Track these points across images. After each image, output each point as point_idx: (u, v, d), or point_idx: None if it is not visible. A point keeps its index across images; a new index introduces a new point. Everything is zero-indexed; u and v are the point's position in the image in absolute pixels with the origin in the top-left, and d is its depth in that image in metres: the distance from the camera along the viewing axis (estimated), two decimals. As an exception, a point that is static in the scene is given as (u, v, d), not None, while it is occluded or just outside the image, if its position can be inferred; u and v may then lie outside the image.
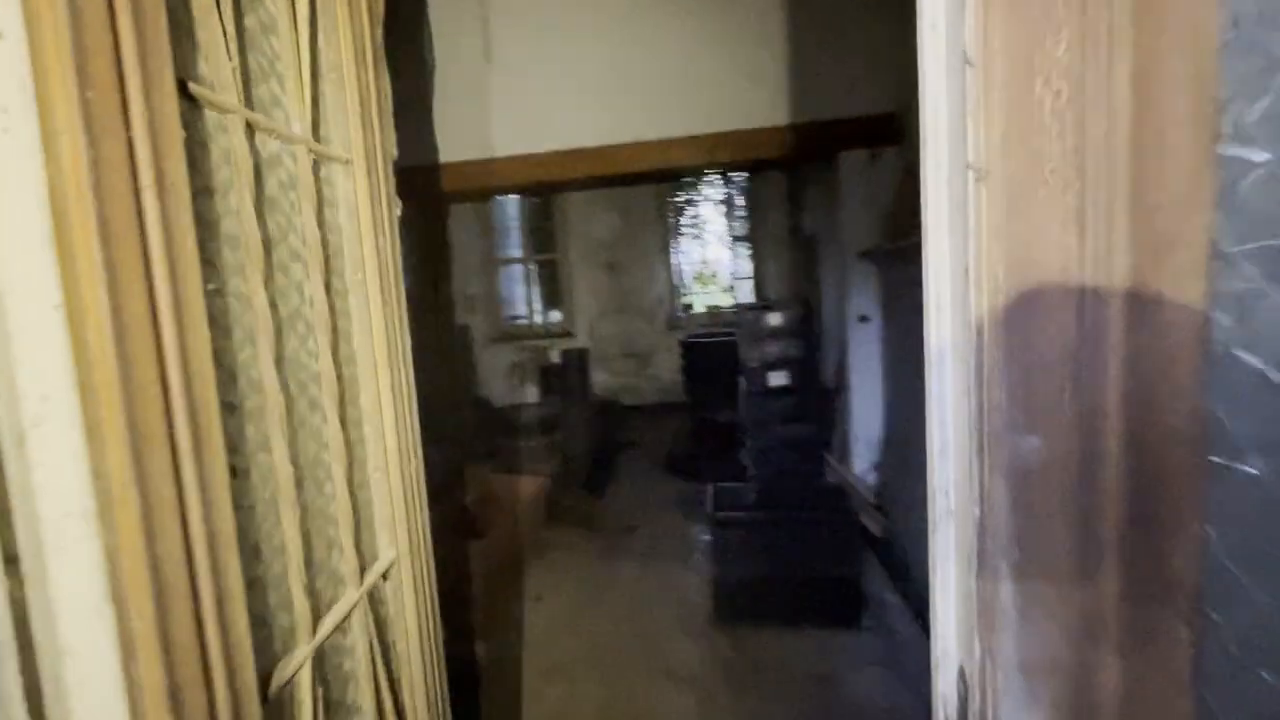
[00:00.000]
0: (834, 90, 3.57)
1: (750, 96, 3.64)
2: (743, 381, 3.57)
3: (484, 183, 3.96)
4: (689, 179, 7.73)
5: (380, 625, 0.83)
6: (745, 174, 7.09)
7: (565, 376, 5.16)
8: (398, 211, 0.88)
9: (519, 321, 7.68)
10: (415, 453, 0.90)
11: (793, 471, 3.43)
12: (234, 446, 0.61)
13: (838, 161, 3.75)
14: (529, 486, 3.75)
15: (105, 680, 0.41)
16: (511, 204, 7.62)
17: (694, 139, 3.72)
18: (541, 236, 7.78)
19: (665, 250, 7.33)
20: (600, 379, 7.02)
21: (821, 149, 3.75)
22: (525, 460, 4.64)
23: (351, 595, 0.75)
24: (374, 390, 0.81)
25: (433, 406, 4.22)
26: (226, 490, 0.51)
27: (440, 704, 0.94)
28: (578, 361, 5.00)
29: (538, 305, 7.83)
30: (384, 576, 0.84)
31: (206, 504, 0.49)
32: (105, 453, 0.41)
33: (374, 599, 0.82)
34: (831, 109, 3.61)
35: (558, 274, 7.42)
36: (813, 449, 3.63)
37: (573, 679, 2.47)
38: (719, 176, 7.33)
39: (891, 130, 3.56)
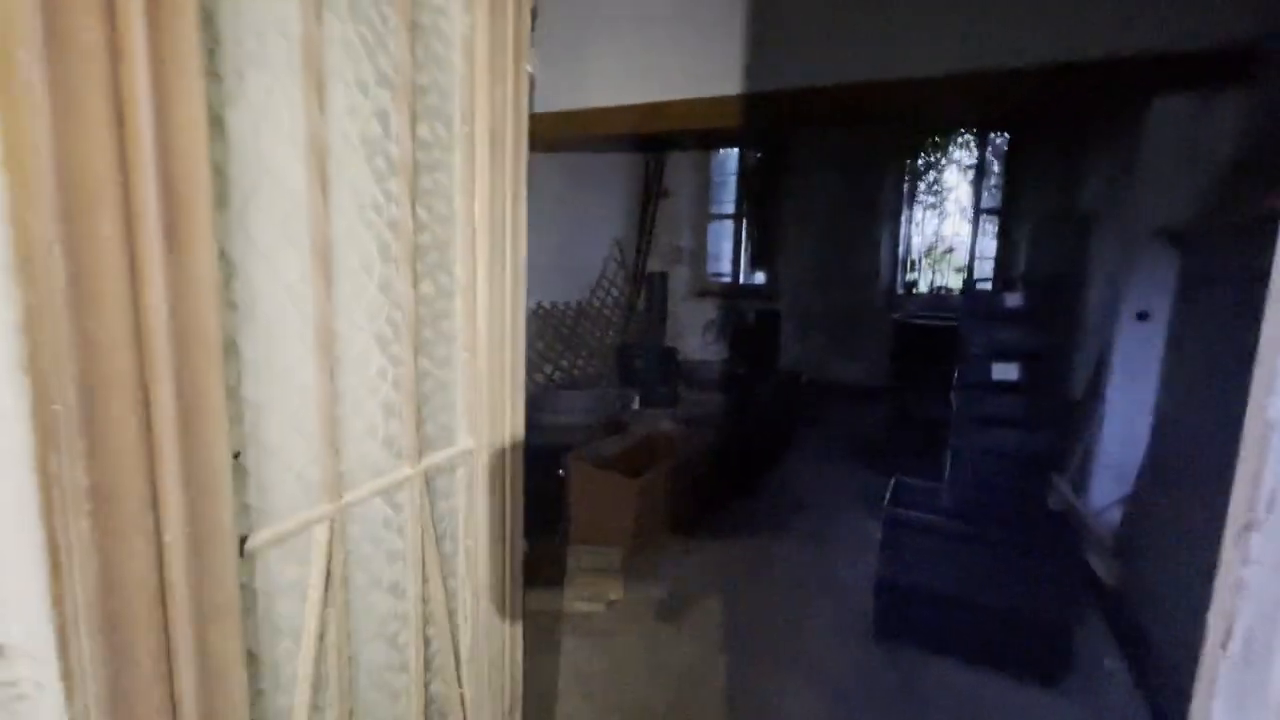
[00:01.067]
0: (1148, 8, 2.73)
1: (1011, 20, 2.95)
2: (959, 372, 3.04)
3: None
4: (936, 137, 6.78)
5: (441, 516, 0.79)
6: (1005, 133, 5.99)
7: (757, 340, 4.93)
8: (530, 69, 0.78)
9: (723, 279, 7.54)
10: (513, 343, 0.82)
11: (1005, 486, 2.85)
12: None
13: (1147, 111, 2.90)
14: (700, 439, 3.66)
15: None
16: (731, 157, 7.41)
17: (926, 82, 3.15)
18: (759, 192, 7.47)
19: (894, 219, 6.57)
20: (797, 350, 6.64)
21: (1123, 95, 2.93)
22: (706, 417, 4.56)
23: (404, 470, 0.71)
24: (470, 261, 0.74)
25: (623, 346, 4.28)
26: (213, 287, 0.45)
27: (508, 614, 0.89)
28: (771, 326, 4.73)
29: (745, 264, 7.61)
30: (451, 467, 0.79)
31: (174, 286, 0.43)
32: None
33: (436, 486, 0.77)
34: (1140, 37, 2.77)
35: (769, 234, 7.09)
36: (1038, 465, 2.98)
37: (703, 642, 2.36)
38: (972, 135, 6.29)
39: (1237, 67, 2.63)
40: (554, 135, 4.26)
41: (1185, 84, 2.75)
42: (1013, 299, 2.86)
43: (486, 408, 0.79)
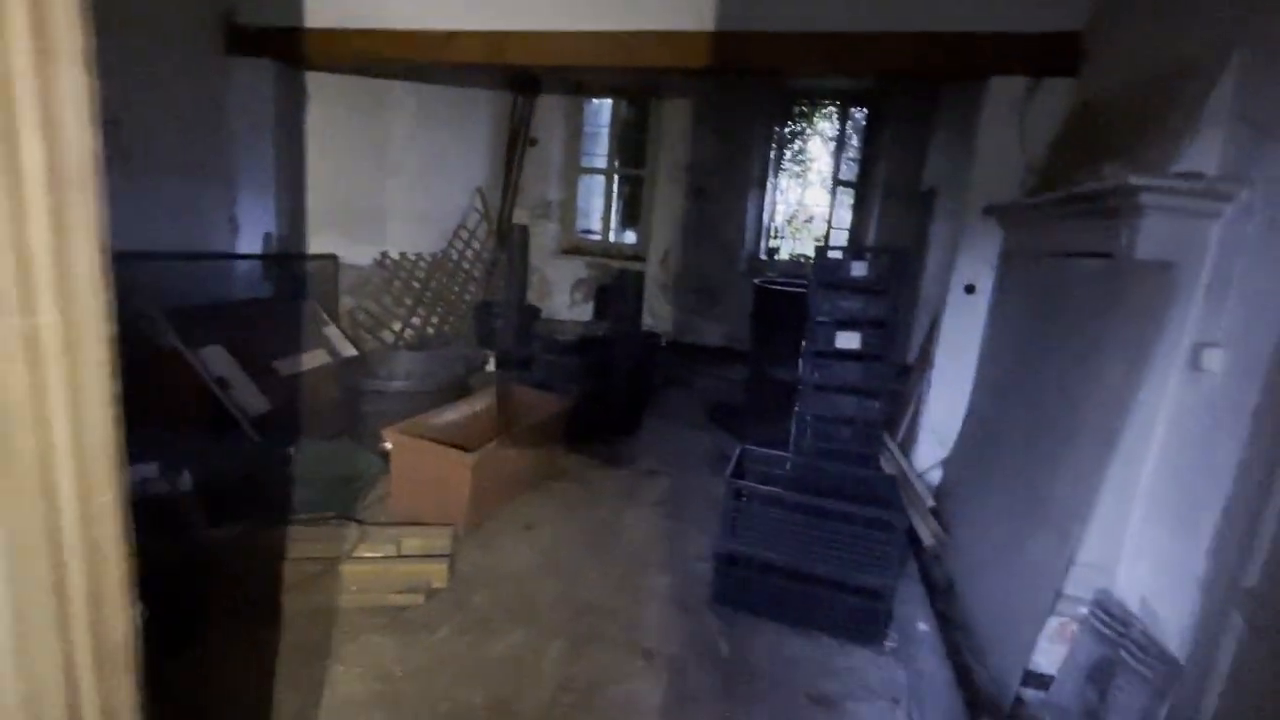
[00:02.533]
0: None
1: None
2: (806, 339, 3.05)
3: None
4: (802, 106, 6.87)
5: None
6: (864, 108, 6.18)
7: (620, 299, 4.75)
8: None
9: (592, 236, 7.28)
10: (69, 303, 0.53)
11: (843, 453, 2.92)
12: None
13: (984, 90, 2.99)
14: (552, 404, 3.45)
15: None
16: (604, 108, 7.07)
17: (803, 37, 3.05)
18: (631, 149, 7.22)
19: (761, 185, 6.62)
20: (663, 310, 6.59)
21: (965, 70, 3.00)
22: (561, 378, 4.34)
23: None
24: None
25: (482, 304, 3.89)
26: None
27: None
28: (634, 285, 4.58)
29: (616, 222, 7.38)
30: None
31: None
32: None
33: None
34: (988, 17, 2.84)
35: (640, 191, 6.89)
36: (874, 431, 3.10)
37: (536, 626, 2.19)
38: (835, 108, 6.44)
39: (1069, 54, 2.76)
40: (399, 56, 3.71)
41: (1022, 67, 2.85)
42: (858, 267, 2.89)
43: None
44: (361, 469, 2.92)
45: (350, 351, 4.00)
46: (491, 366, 4.64)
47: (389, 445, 2.73)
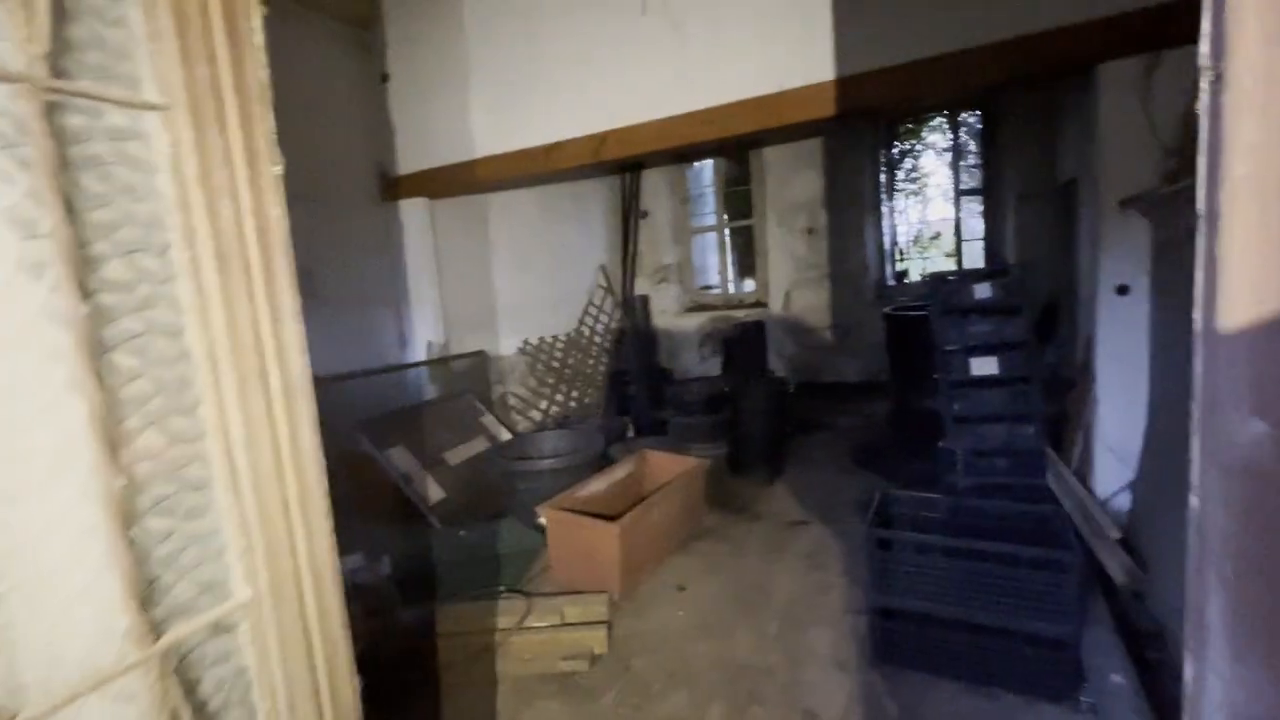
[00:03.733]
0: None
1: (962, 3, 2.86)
2: (938, 370, 2.91)
3: (670, 141, 3.75)
4: (908, 125, 6.67)
5: (221, 684, 0.70)
6: (977, 111, 5.86)
7: (744, 349, 4.83)
8: (277, 170, 0.71)
9: (712, 291, 7.47)
10: (297, 470, 0.75)
11: (998, 487, 2.71)
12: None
13: (1094, 78, 2.79)
14: (688, 464, 3.56)
15: None
16: (706, 169, 7.36)
17: (883, 72, 3.06)
18: (737, 201, 7.40)
19: (875, 210, 6.45)
20: (793, 353, 6.52)
21: (1072, 65, 2.82)
22: (696, 437, 4.46)
23: (130, 657, 0.62)
24: (215, 398, 0.68)
25: (615, 374, 4.18)
26: None
27: None
28: (755, 333, 4.63)
29: (732, 274, 7.53)
30: (227, 626, 0.70)
31: None
32: None
33: (201, 655, 0.69)
34: (1087, 5, 2.67)
35: (752, 240, 7.00)
36: (1034, 458, 2.84)
37: (696, 688, 2.25)
38: (944, 118, 6.18)
39: (1186, 20, 2.51)
40: (500, 176, 4.25)
41: (1133, 46, 2.63)
42: (983, 290, 2.74)
43: (263, 550, 0.72)
44: (523, 544, 3.21)
45: (505, 435, 4.45)
46: (631, 433, 4.89)
47: (544, 520, 3.00)
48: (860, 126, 6.23)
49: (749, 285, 7.62)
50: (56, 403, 0.58)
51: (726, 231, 7.41)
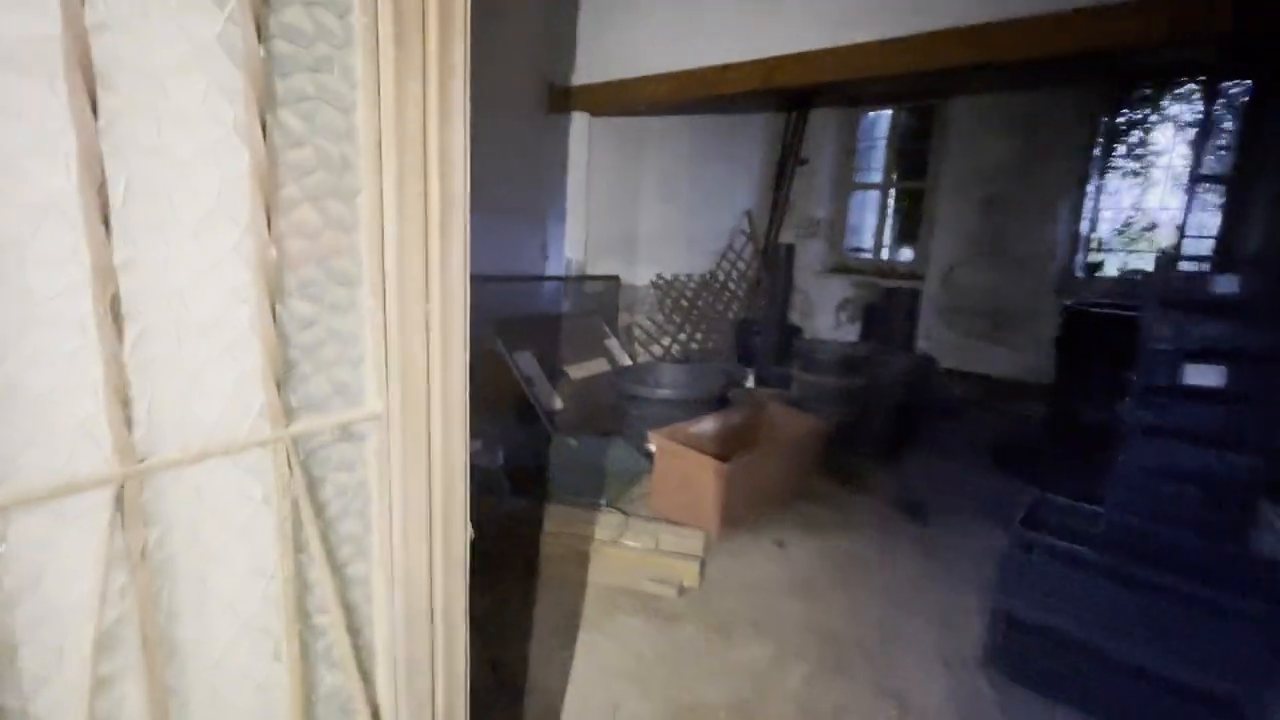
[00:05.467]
0: None
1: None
2: (1138, 372, 2.45)
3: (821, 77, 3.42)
4: (1145, 90, 5.60)
5: (342, 490, 0.69)
6: (1247, 81, 4.77)
7: (890, 320, 4.44)
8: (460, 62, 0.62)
9: (862, 254, 6.93)
10: (444, 290, 0.69)
11: (1188, 518, 2.28)
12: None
13: None
14: (808, 424, 3.37)
15: None
16: (881, 120, 6.70)
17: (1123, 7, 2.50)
18: (910, 160, 6.71)
19: (1078, 187, 5.55)
20: (942, 334, 5.94)
21: None
22: (820, 399, 4.22)
23: (261, 433, 0.61)
24: (374, 190, 0.62)
25: (743, 322, 4.04)
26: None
27: (438, 609, 0.77)
28: (906, 305, 4.23)
29: (890, 239, 6.92)
30: (356, 435, 0.68)
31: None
32: None
33: (327, 455, 0.67)
34: None
35: (920, 205, 6.35)
36: (1241, 495, 2.35)
37: (780, 643, 2.16)
38: (1199, 86, 5.10)
39: None
40: (664, 98, 4.07)
41: None
42: (1224, 283, 2.23)
43: (399, 365, 0.68)
44: (629, 465, 3.23)
45: (626, 362, 4.46)
46: (751, 383, 4.73)
47: (653, 447, 2.97)
48: (1082, 82, 5.32)
49: (906, 254, 6.98)
50: (222, 143, 0.56)
51: (892, 192, 6.77)
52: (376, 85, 0.62)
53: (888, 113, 6.59)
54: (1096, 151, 5.54)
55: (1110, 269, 5.91)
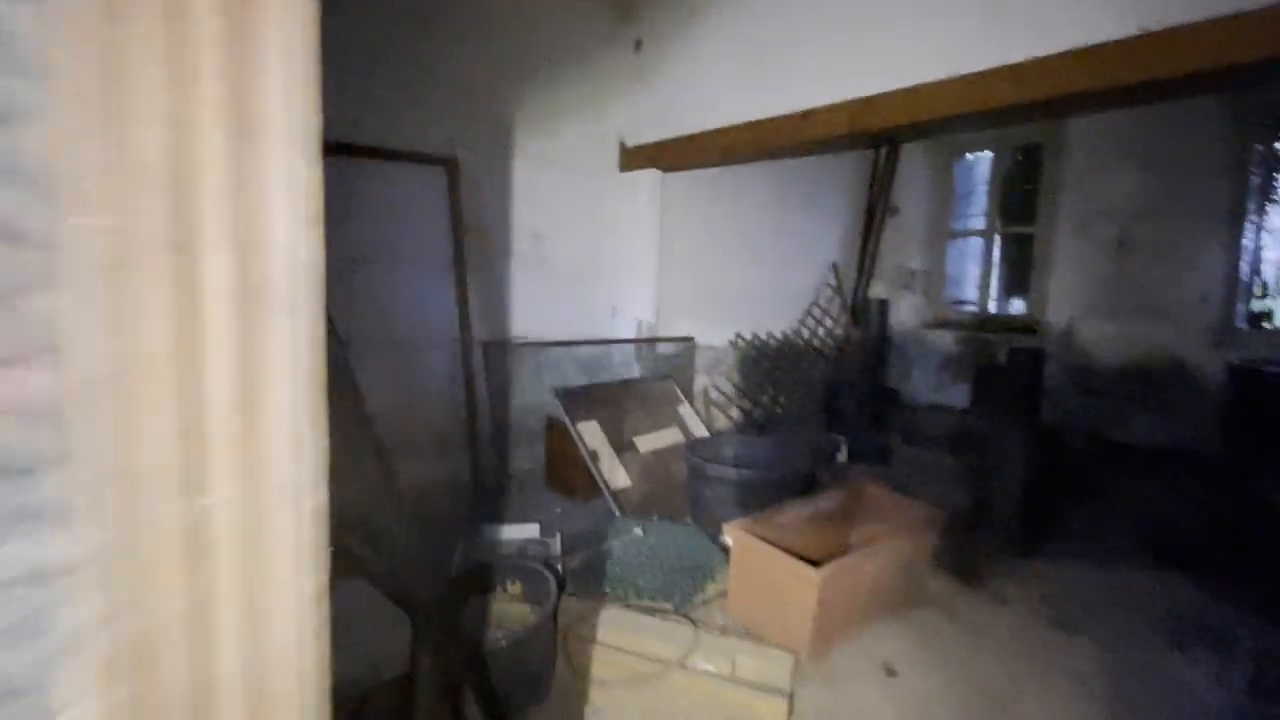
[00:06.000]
0: None
1: None
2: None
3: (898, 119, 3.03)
4: (1311, 109, 4.77)
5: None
6: None
7: (1010, 384, 3.83)
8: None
9: (966, 307, 6.27)
10: (255, 478, 0.37)
11: None
12: None
13: None
14: (917, 511, 2.84)
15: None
16: (983, 163, 6.15)
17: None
18: (1017, 203, 6.08)
19: (1235, 222, 4.74)
20: (1074, 399, 5.14)
21: None
22: (928, 478, 3.64)
23: None
24: (72, 285, 0.33)
25: (832, 385, 3.59)
26: None
27: None
28: (1029, 364, 3.62)
29: (996, 289, 6.23)
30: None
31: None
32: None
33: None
34: None
35: (1032, 251, 5.67)
36: None
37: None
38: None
39: None
40: (739, 149, 3.80)
41: None
42: None
43: (129, 649, 0.35)
44: (702, 559, 2.80)
45: (701, 431, 4.08)
46: (843, 456, 4.19)
47: (728, 540, 2.55)
48: (1230, 97, 4.61)
49: (1015, 305, 6.26)
50: None
51: (996, 238, 6.13)
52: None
53: (988, 155, 6.04)
54: (1254, 180, 4.73)
55: (1282, 318, 4.96)
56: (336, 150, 3.20)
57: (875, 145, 5.89)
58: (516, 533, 2.93)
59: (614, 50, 4.38)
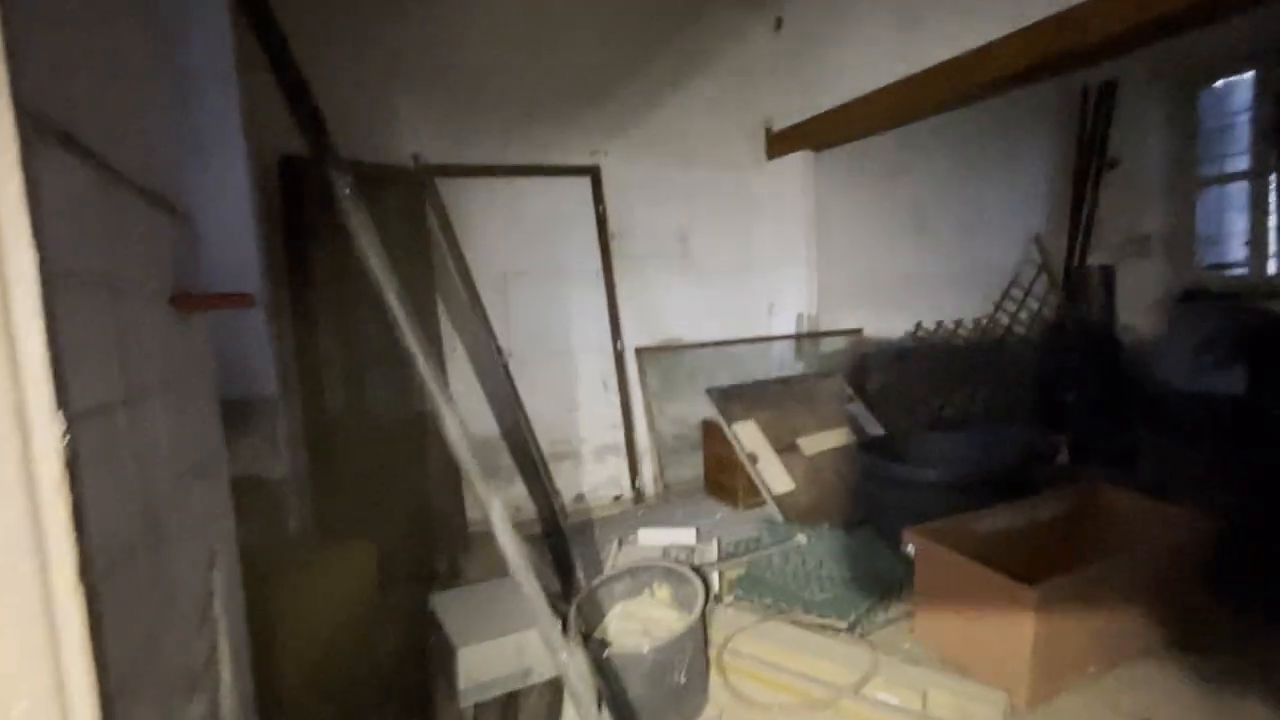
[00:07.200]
0: None
1: None
2: None
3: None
4: None
5: None
6: None
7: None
8: None
9: (1230, 272, 4.93)
10: None
11: None
12: None
13: None
14: (1176, 520, 2.17)
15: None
16: (1242, 87, 4.83)
17: None
18: (1299, 131, 4.66)
19: None
20: None
21: None
22: (1189, 481, 2.83)
23: None
24: None
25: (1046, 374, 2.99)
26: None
27: None
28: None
29: (1274, 245, 4.81)
30: None
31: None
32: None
33: None
34: None
35: (1331, 188, 4.29)
36: None
37: None
38: None
39: None
40: (917, 105, 3.34)
41: None
42: None
43: None
44: (881, 572, 2.40)
45: (877, 430, 3.61)
46: (1065, 457, 3.44)
47: (911, 549, 2.14)
48: None
49: (1311, 263, 4.77)
50: None
51: (1272, 180, 4.74)
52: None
53: (1248, 76, 4.74)
54: None
55: None
56: (483, 171, 3.39)
57: (1082, 98, 4.93)
58: (671, 537, 2.77)
59: (753, 33, 4.16)
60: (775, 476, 3.16)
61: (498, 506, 1.40)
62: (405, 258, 2.87)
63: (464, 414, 1.52)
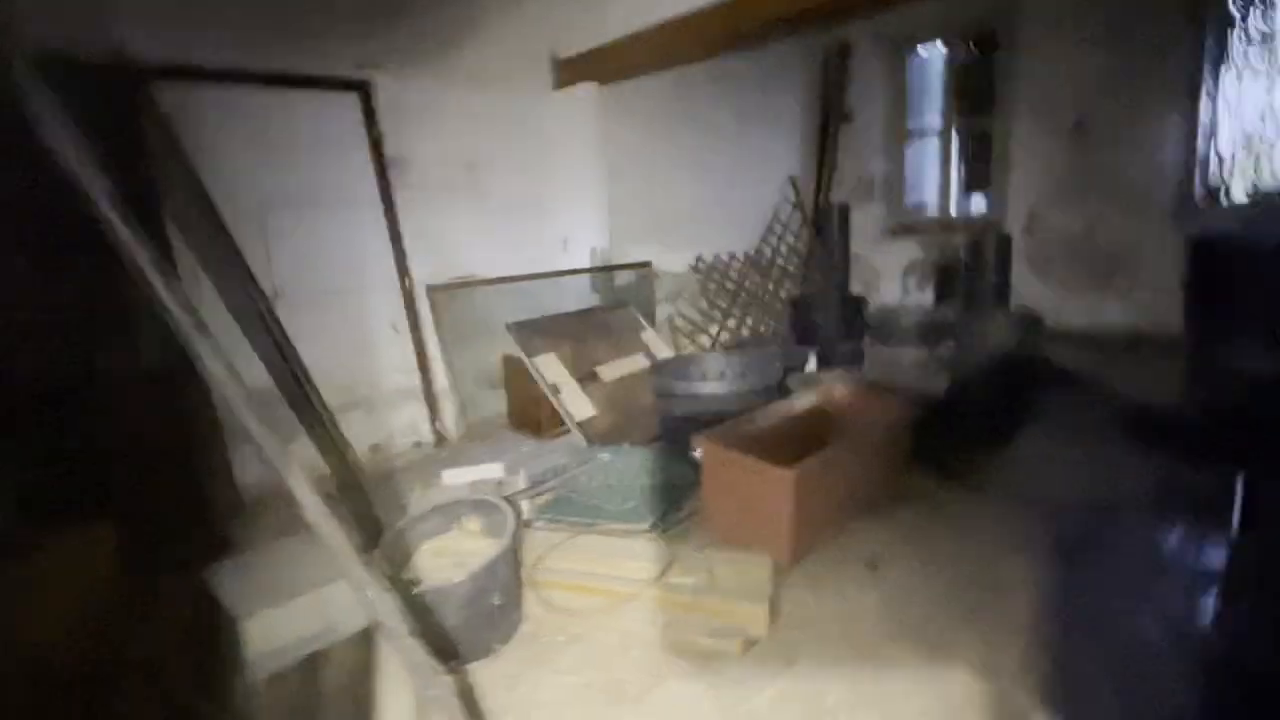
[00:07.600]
0: None
1: None
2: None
3: None
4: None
5: None
6: None
7: (974, 276, 3.72)
8: None
9: (926, 211, 6.14)
10: None
11: None
12: None
13: None
14: (890, 407, 2.75)
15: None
16: (936, 58, 5.90)
17: None
18: (973, 97, 5.87)
19: (1190, 96, 4.63)
20: (1038, 291, 5.10)
21: None
22: (899, 377, 3.57)
23: None
24: None
25: (798, 299, 3.44)
26: None
27: None
28: (998, 254, 3.50)
29: (957, 190, 6.09)
30: None
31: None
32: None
33: None
34: None
35: (990, 146, 5.51)
36: None
37: (893, 711, 1.57)
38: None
39: None
40: (695, 41, 3.50)
41: None
42: None
43: None
44: (674, 479, 2.69)
45: (668, 354, 3.93)
46: (812, 366, 4.10)
47: (699, 453, 2.43)
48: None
49: (977, 203, 6.13)
50: None
51: (954, 134, 5.95)
52: None
53: (941, 51, 5.79)
54: (1208, 47, 4.60)
55: (1239, 191, 4.92)
56: (221, 77, 2.84)
57: (825, 56, 5.58)
58: (477, 474, 2.77)
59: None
60: (577, 404, 3.30)
61: (274, 442, 1.28)
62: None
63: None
